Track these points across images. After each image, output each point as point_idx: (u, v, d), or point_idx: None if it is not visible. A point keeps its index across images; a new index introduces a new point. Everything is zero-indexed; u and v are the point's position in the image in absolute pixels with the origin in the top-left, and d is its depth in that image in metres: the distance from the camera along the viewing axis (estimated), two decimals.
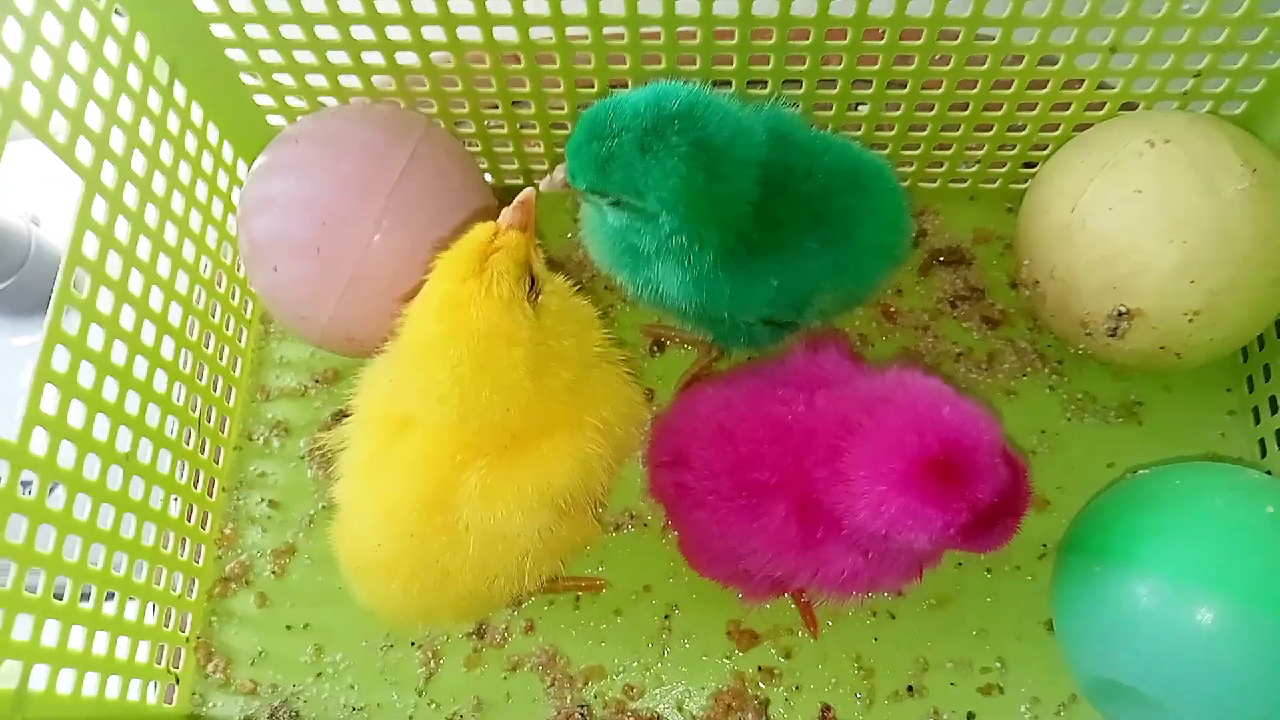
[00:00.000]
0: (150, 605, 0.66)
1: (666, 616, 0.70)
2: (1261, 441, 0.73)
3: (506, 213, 0.54)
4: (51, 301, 0.57)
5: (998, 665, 0.68)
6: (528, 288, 0.52)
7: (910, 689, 0.67)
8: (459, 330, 0.50)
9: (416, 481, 0.54)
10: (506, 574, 0.56)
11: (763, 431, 0.57)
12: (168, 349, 0.69)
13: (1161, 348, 0.66)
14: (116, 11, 0.65)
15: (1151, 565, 0.57)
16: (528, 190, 0.54)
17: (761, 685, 0.68)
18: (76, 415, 0.59)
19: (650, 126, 0.53)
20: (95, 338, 0.61)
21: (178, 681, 0.69)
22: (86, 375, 0.61)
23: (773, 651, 0.69)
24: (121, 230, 0.65)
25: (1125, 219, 0.64)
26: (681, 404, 0.65)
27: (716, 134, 0.54)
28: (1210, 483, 0.61)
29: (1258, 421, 0.73)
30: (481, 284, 0.50)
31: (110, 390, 0.63)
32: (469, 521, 0.53)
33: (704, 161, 0.53)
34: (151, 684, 0.66)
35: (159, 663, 0.67)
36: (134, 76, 0.66)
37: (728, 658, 0.68)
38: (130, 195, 0.66)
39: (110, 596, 0.63)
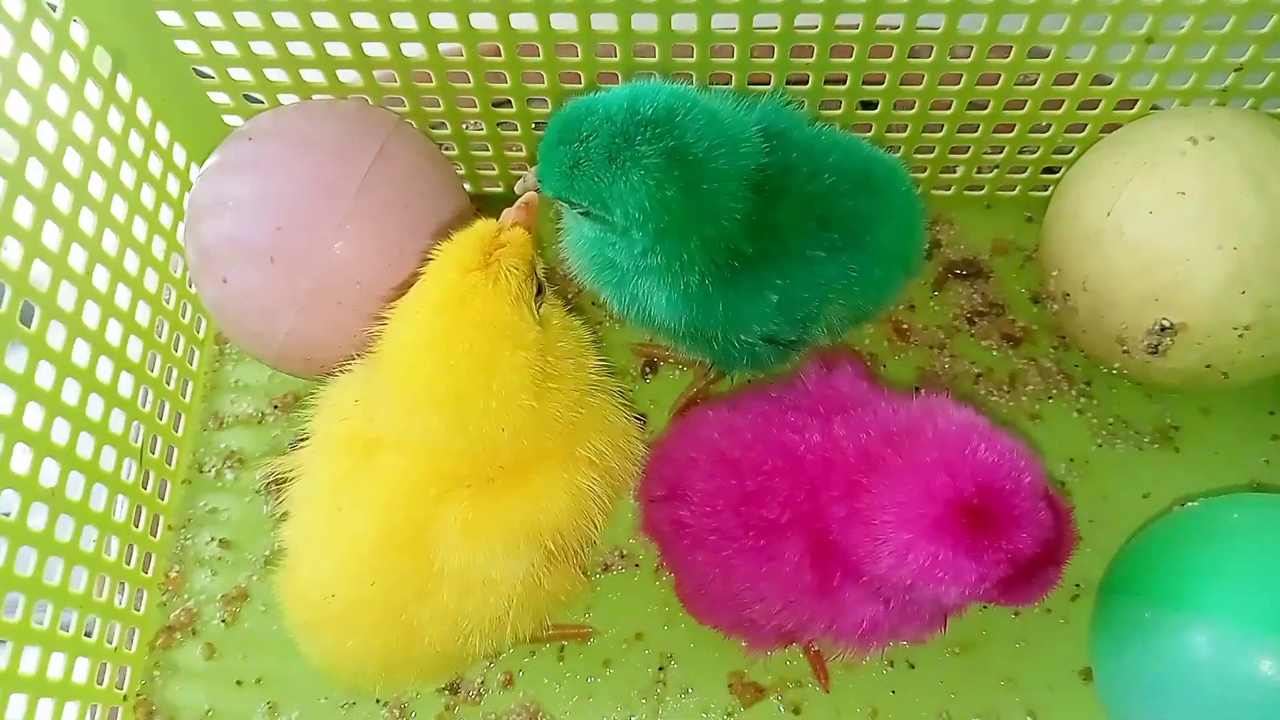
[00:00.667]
0: (80, 660, 0.61)
1: (661, 668, 0.66)
2: None
3: (509, 212, 0.51)
4: None
5: (1028, 719, 0.63)
6: (534, 291, 0.49)
7: None
8: (460, 325, 0.47)
9: (383, 517, 0.50)
10: (483, 629, 0.52)
11: (772, 462, 0.52)
12: (104, 371, 0.64)
13: (1207, 366, 0.62)
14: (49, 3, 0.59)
15: (1208, 609, 0.53)
16: (531, 193, 0.52)
17: None
18: None
19: (620, 132, 0.49)
20: (16, 359, 0.57)
21: None
22: (4, 401, 0.55)
23: (780, 707, 0.64)
24: (51, 237, 0.60)
25: (1167, 223, 0.60)
26: (678, 430, 0.61)
27: (696, 143, 0.49)
28: (1272, 516, 0.57)
29: None
30: (488, 276, 0.47)
31: (33, 417, 0.58)
32: (444, 564, 0.49)
33: (678, 174, 0.49)
34: None
35: None
36: (69, 66, 0.62)
37: (730, 714, 0.64)
38: (62, 198, 0.61)
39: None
